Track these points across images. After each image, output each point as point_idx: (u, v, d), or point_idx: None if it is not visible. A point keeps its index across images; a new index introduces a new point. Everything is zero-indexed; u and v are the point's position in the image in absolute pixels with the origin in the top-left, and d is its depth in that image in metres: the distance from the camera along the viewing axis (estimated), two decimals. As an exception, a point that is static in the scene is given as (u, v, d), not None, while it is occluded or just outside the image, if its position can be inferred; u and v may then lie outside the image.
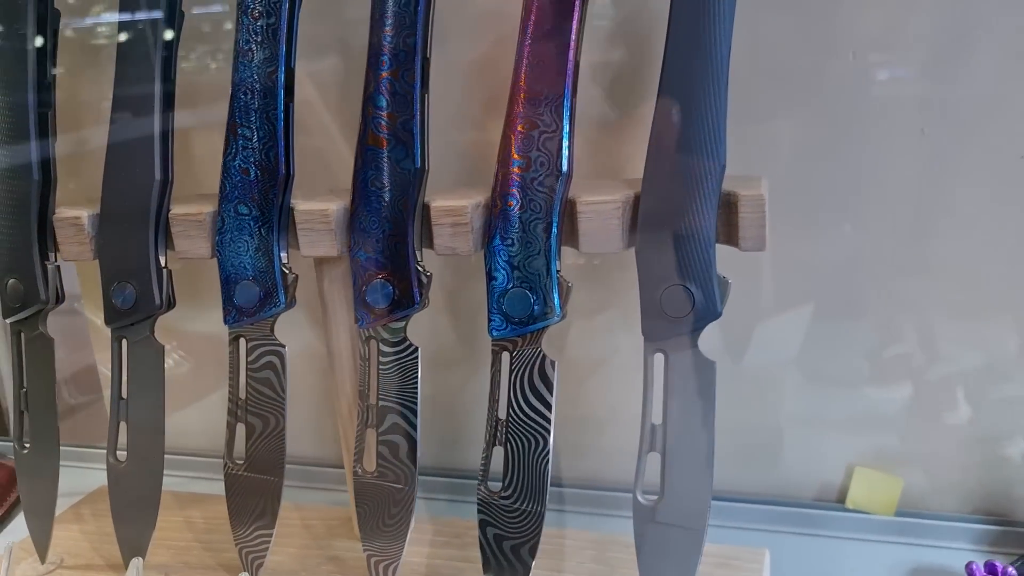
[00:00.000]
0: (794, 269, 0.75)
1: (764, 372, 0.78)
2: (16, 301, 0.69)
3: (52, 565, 0.72)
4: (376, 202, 0.61)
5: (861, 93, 0.70)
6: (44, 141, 0.68)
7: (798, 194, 0.72)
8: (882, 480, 0.74)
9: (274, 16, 0.62)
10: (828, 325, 0.76)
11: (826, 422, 0.78)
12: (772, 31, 0.71)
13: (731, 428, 0.77)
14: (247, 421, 0.66)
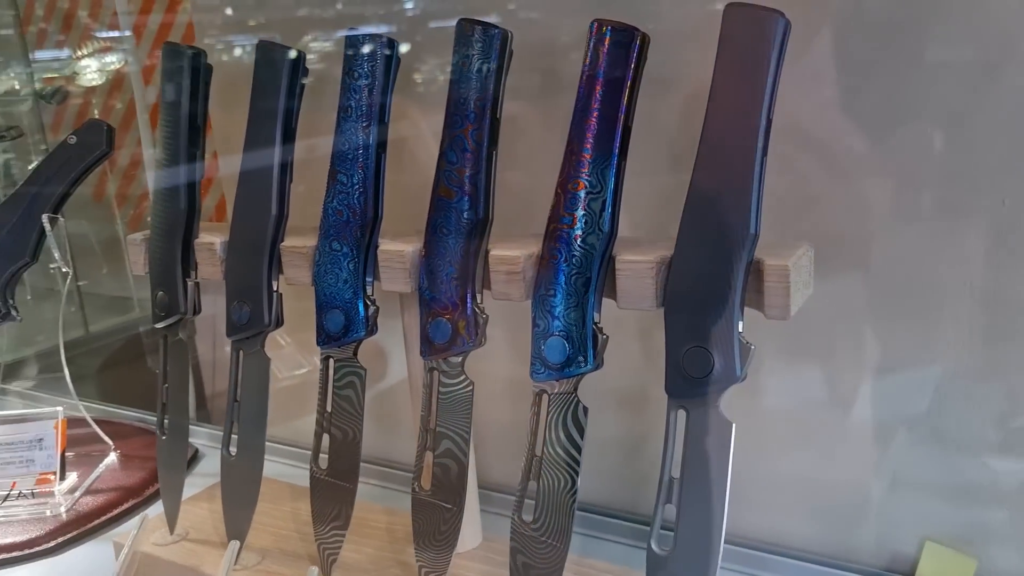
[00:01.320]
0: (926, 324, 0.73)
1: (871, 429, 0.77)
2: (163, 310, 0.82)
3: (178, 536, 0.85)
4: (442, 247, 0.67)
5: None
6: (192, 177, 0.81)
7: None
8: (953, 559, 0.71)
9: (371, 78, 0.71)
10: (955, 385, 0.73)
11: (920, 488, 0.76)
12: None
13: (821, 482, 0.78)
14: (331, 432, 0.74)
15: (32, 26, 1.71)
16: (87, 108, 1.68)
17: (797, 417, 0.79)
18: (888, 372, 0.75)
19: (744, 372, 0.58)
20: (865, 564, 0.76)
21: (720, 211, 0.58)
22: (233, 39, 1.09)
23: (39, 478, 1.01)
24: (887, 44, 0.69)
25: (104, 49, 1.49)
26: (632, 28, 0.61)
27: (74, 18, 1.64)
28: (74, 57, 1.54)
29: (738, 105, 0.57)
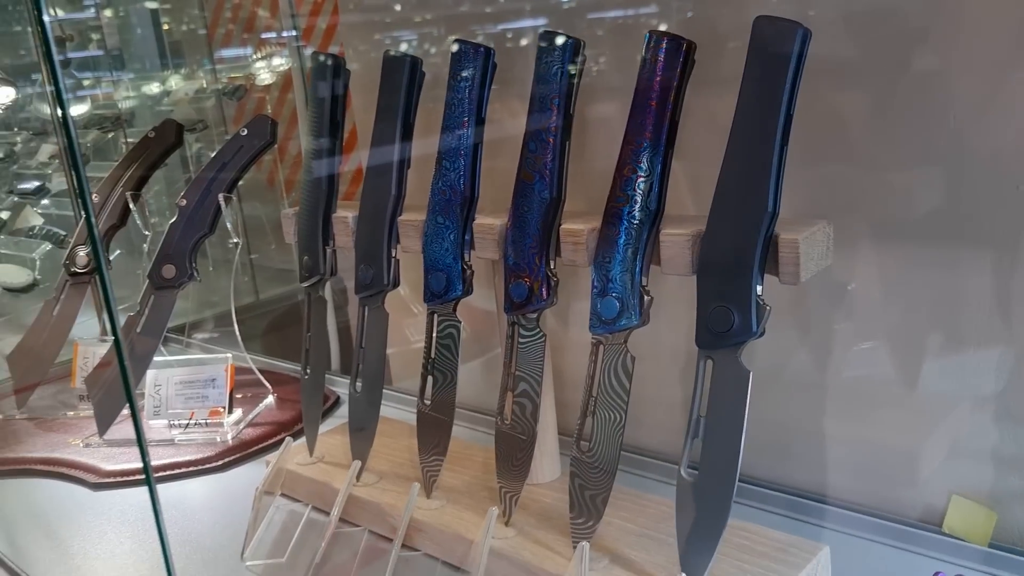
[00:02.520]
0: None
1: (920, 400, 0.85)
2: (307, 271, 1.00)
3: (315, 459, 1.03)
4: (523, 221, 0.81)
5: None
6: (332, 163, 0.98)
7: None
8: (977, 510, 0.78)
9: (470, 81, 0.85)
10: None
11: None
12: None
13: (860, 442, 0.86)
14: (433, 374, 0.90)
15: (220, 28, 1.98)
16: (263, 104, 1.93)
17: (851, 386, 0.87)
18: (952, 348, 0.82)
19: (761, 329, 0.68)
20: (901, 515, 0.84)
21: (744, 192, 0.68)
22: (388, 36, 1.24)
23: (211, 411, 1.22)
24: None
25: (274, 53, 1.72)
26: (680, 37, 0.72)
27: (254, 22, 1.89)
28: (251, 59, 1.78)
29: (762, 102, 0.67)
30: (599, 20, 0.99)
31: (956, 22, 0.75)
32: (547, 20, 1.04)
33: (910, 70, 0.78)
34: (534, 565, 0.78)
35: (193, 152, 1.97)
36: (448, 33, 1.15)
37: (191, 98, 1.95)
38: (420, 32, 1.21)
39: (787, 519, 0.87)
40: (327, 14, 1.60)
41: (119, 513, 1.05)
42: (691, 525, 0.71)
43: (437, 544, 0.87)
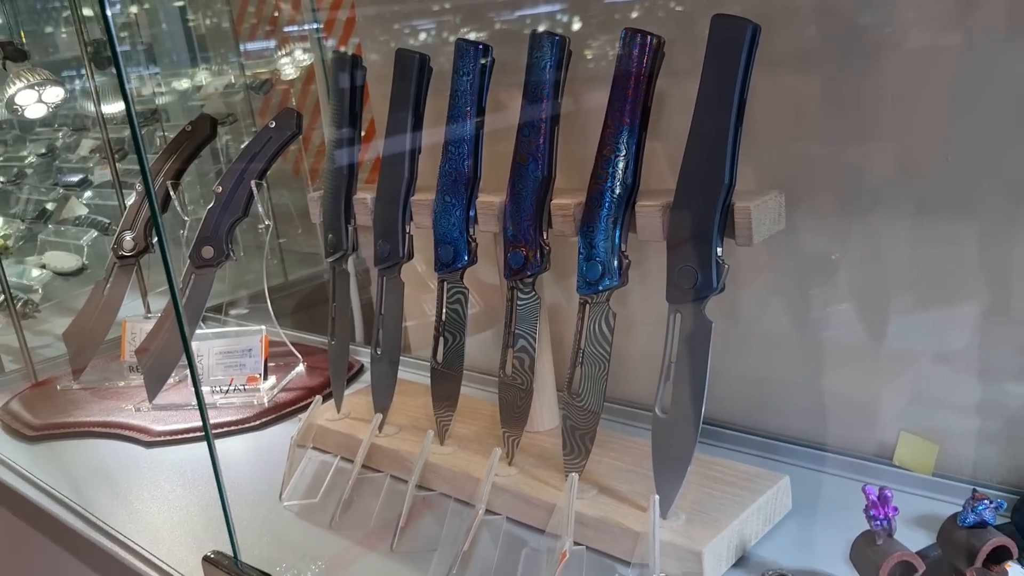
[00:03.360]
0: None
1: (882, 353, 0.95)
2: (332, 247, 1.12)
3: (342, 416, 1.15)
4: (519, 198, 0.92)
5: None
6: (351, 150, 1.10)
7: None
8: (921, 444, 0.89)
9: (471, 75, 0.96)
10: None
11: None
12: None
13: (826, 392, 0.97)
14: (444, 335, 1.01)
15: (245, 23, 2.10)
16: (287, 97, 2.05)
17: (820, 342, 0.98)
18: (913, 306, 0.93)
19: (721, 284, 0.79)
20: (858, 451, 0.95)
21: (705, 167, 0.79)
22: (406, 26, 1.34)
23: (249, 378, 1.35)
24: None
25: (297, 48, 1.84)
26: (651, 34, 0.83)
27: (278, 17, 2.01)
28: (276, 55, 1.90)
29: (719, 89, 0.78)
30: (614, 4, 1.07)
31: (890, 14, 0.85)
32: (563, 5, 1.13)
33: (854, 56, 0.88)
34: (532, 496, 0.90)
35: (223, 144, 2.10)
36: (464, 22, 1.25)
37: (220, 92, 2.08)
38: (437, 20, 1.31)
39: (760, 458, 0.98)
40: (347, 7, 1.71)
41: (170, 466, 1.18)
42: (664, 455, 0.83)
43: (449, 483, 0.99)
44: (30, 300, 1.71)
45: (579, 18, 1.11)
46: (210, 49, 2.27)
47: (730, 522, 0.81)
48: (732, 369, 1.03)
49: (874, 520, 0.70)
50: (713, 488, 0.87)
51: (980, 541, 0.70)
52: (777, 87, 0.92)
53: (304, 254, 2.13)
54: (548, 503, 0.88)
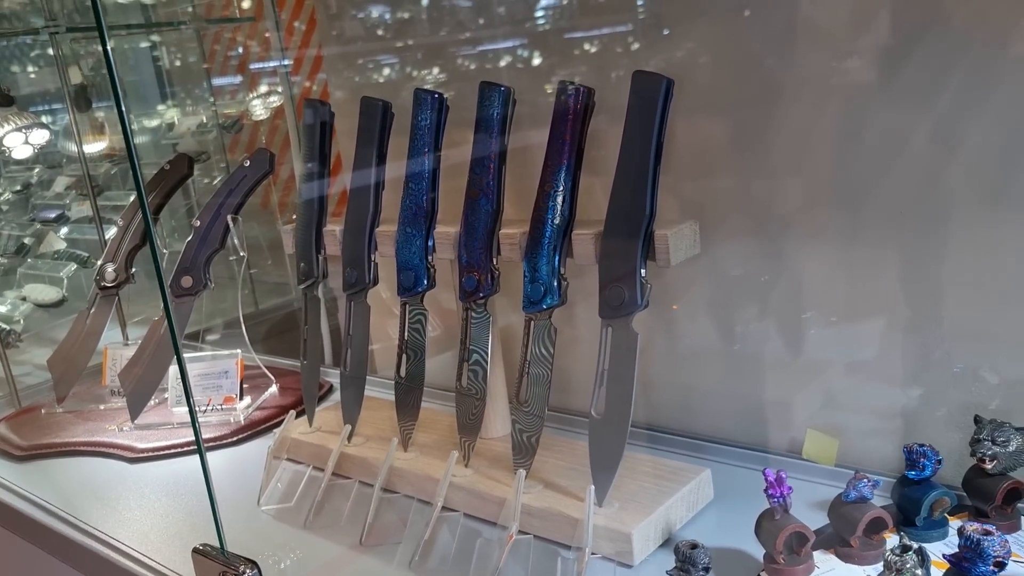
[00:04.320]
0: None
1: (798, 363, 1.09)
2: (304, 275, 1.23)
3: (314, 429, 1.26)
4: (472, 228, 1.04)
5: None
6: (322, 187, 1.21)
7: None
8: (824, 439, 1.02)
9: (428, 119, 1.09)
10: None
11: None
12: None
13: (746, 397, 1.10)
14: (406, 353, 1.13)
15: (215, 62, 2.21)
16: (256, 133, 2.17)
17: (741, 353, 1.11)
18: (819, 321, 1.06)
19: (645, 301, 0.92)
20: (773, 448, 1.08)
21: (629, 200, 0.92)
22: (370, 61, 1.47)
23: (225, 398, 1.45)
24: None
25: (269, 92, 1.96)
26: (582, 86, 0.96)
27: (247, 58, 2.13)
28: (248, 98, 2.02)
29: (640, 134, 0.91)
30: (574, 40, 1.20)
31: (789, 64, 0.99)
32: (525, 40, 1.24)
33: (758, 101, 1.02)
34: (485, 492, 1.02)
35: (194, 180, 2.20)
36: (426, 58, 1.38)
37: (193, 131, 2.18)
38: (400, 57, 1.42)
39: (687, 456, 1.10)
40: (315, 46, 1.83)
41: (155, 479, 1.28)
42: (599, 451, 0.95)
43: (412, 485, 1.10)
44: (12, 331, 1.79)
45: (541, 53, 1.24)
46: (180, 88, 2.38)
47: (656, 508, 0.93)
48: (661, 378, 1.16)
49: (772, 498, 0.82)
50: (643, 481, 0.99)
51: (860, 513, 0.83)
52: (693, 128, 1.05)
53: (274, 284, 2.23)
54: (500, 498, 1.00)
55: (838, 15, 0.95)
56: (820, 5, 0.96)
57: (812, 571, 0.82)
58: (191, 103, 2.29)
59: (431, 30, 1.35)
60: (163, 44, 2.40)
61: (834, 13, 0.95)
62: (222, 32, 2.21)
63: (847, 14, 0.94)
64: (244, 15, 2.17)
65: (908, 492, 0.86)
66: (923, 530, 0.85)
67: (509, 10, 1.23)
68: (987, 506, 0.84)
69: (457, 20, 1.32)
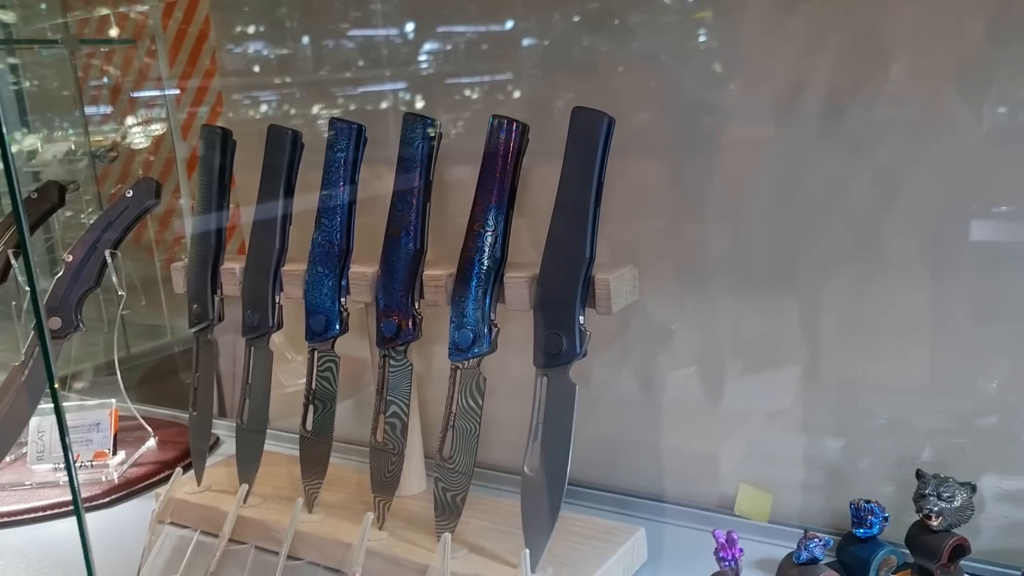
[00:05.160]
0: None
1: (704, 410, 1.05)
2: (197, 318, 1.12)
3: (203, 488, 1.13)
4: (392, 269, 0.97)
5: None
6: (220, 221, 1.11)
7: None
8: (757, 494, 0.98)
9: (345, 151, 1.01)
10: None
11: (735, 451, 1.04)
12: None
13: (672, 450, 1.06)
14: (313, 403, 1.03)
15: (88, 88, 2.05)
16: (131, 164, 2.01)
17: (664, 404, 1.07)
18: (744, 370, 1.03)
19: (583, 350, 0.86)
20: (702, 503, 1.04)
21: (567, 243, 0.87)
22: (256, 96, 1.39)
23: (96, 453, 1.30)
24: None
25: (149, 120, 1.82)
26: (515, 121, 0.91)
27: (121, 90, 1.98)
28: (127, 125, 1.87)
29: (579, 173, 0.86)
30: (455, 85, 1.17)
31: (726, 112, 0.97)
32: (405, 84, 1.21)
33: (694, 146, 0.99)
34: (403, 558, 0.92)
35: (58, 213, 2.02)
36: (309, 97, 1.31)
37: (60, 159, 2.01)
38: (281, 93, 1.35)
39: (615, 514, 1.05)
40: (199, 76, 1.72)
41: (10, 551, 1.11)
42: (533, 511, 0.88)
43: (318, 551, 0.99)
44: None
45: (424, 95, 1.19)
46: (43, 113, 2.20)
47: (594, 573, 0.87)
48: (585, 430, 1.10)
49: (723, 561, 0.78)
50: (576, 542, 0.92)
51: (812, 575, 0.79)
52: (627, 171, 1.01)
53: (146, 326, 2.06)
54: (420, 564, 0.91)
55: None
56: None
57: (764, 638, 0.77)
58: (59, 130, 2.11)
59: (336, 63, 1.28)
60: (24, 65, 2.21)
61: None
62: (93, 55, 2.06)
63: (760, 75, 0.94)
64: (121, 37, 2.04)
65: (855, 551, 0.83)
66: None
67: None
68: (932, 564, 0.82)
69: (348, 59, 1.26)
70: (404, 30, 1.19)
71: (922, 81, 0.86)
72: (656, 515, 1.03)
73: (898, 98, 0.87)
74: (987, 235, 0.87)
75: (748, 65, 0.95)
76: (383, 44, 1.22)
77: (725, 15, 0.96)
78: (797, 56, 0.92)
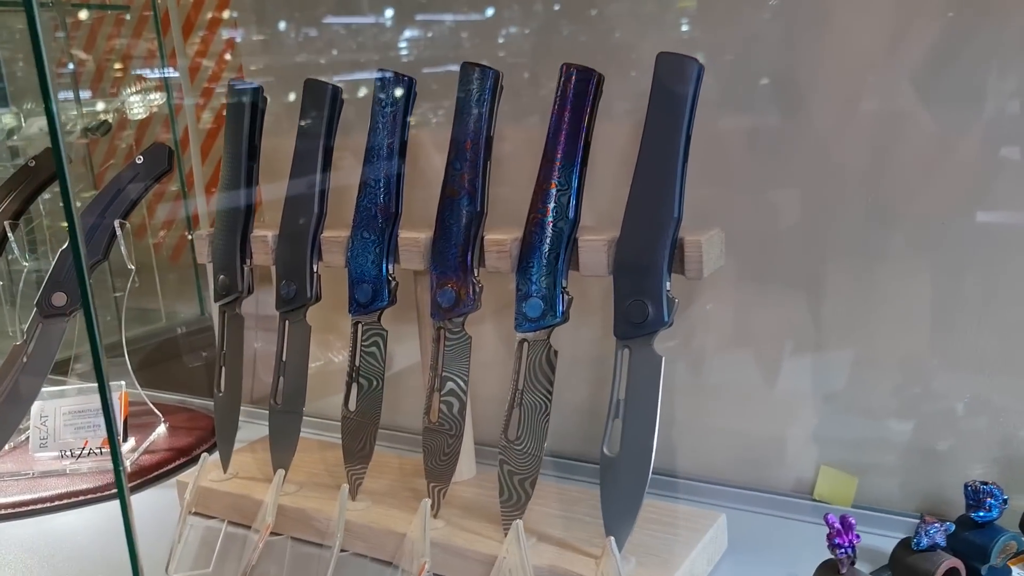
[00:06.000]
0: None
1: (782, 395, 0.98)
2: (224, 290, 1.03)
3: (231, 475, 1.04)
4: (449, 233, 0.89)
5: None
6: (250, 183, 1.02)
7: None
8: (841, 477, 0.91)
9: (395, 107, 0.92)
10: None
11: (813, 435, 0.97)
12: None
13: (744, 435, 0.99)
14: (358, 382, 0.95)
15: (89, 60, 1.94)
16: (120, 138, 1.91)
17: (732, 387, 1.00)
18: (804, 352, 0.96)
19: (671, 319, 0.78)
20: (777, 488, 0.97)
21: (653, 202, 0.79)
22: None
23: (104, 440, 1.20)
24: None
25: (150, 88, 1.72)
26: (591, 70, 0.83)
27: (129, 61, 1.88)
28: (126, 95, 1.76)
29: (667, 124, 0.79)
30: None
31: (812, 69, 0.90)
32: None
33: (776, 108, 0.92)
34: (467, 549, 0.84)
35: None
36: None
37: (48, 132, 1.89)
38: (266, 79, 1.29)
39: (684, 500, 0.98)
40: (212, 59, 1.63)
41: (17, 544, 1.02)
42: (614, 495, 0.80)
43: (366, 542, 0.91)
44: None
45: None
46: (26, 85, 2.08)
47: (681, 562, 0.79)
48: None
49: (839, 548, 0.71)
50: (654, 530, 0.85)
51: (934, 564, 0.72)
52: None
53: (140, 311, 1.95)
54: (485, 554, 0.83)
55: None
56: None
57: (882, 632, 0.70)
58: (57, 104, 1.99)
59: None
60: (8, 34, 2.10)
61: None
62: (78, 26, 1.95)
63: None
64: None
65: (971, 536, 0.76)
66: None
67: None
68: (1055, 549, 0.76)
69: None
70: (384, 17, 1.15)
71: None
72: (728, 501, 0.96)
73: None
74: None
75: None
76: (363, 30, 1.17)
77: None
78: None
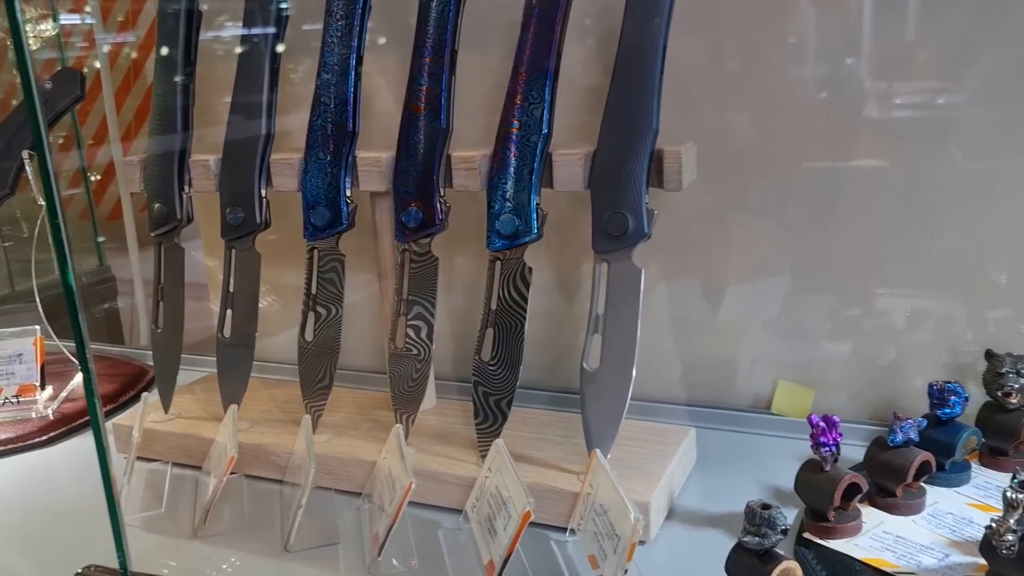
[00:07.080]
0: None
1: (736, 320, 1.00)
2: (160, 219, 0.96)
3: (172, 415, 0.99)
4: (413, 152, 0.85)
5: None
6: (186, 102, 0.95)
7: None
8: (798, 391, 0.94)
9: (350, 18, 0.87)
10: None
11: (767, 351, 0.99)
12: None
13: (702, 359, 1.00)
14: (315, 310, 0.90)
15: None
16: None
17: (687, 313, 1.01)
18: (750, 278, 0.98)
19: (650, 231, 0.78)
20: (736, 404, 0.99)
21: (631, 113, 0.78)
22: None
23: (20, 388, 1.11)
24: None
25: (41, 17, 1.59)
26: (561, -23, 0.81)
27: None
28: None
29: (644, 36, 0.78)
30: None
31: None
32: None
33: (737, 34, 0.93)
34: (444, 472, 0.83)
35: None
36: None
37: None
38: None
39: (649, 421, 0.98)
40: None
41: (-62, 495, 0.94)
42: (596, 409, 0.79)
43: (332, 474, 0.88)
44: None
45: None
46: None
47: (663, 473, 0.80)
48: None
49: (823, 447, 0.72)
50: (629, 446, 0.85)
51: (906, 459, 0.75)
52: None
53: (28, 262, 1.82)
54: (464, 477, 0.81)
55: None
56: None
57: (862, 528, 0.73)
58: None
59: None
60: None
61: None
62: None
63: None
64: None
65: (936, 434, 0.79)
66: (951, 474, 0.79)
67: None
68: (1008, 444, 0.80)
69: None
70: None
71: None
72: (690, 420, 0.97)
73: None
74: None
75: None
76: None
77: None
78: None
